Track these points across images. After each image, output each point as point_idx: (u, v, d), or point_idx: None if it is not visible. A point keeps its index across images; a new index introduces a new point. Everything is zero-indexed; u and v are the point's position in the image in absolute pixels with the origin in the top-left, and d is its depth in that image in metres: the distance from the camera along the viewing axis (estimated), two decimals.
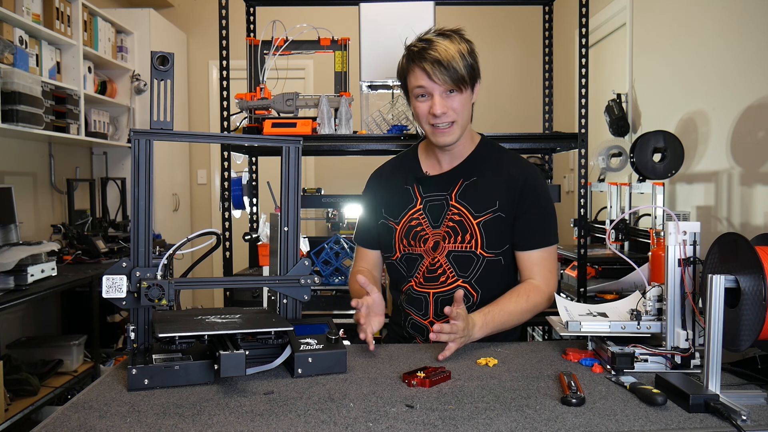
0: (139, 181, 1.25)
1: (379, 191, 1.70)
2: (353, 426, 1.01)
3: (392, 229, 1.64)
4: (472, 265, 1.57)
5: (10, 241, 2.75)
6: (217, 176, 5.22)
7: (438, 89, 1.49)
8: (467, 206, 1.57)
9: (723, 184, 2.48)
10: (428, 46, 1.48)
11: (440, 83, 1.48)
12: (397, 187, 1.66)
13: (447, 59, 1.46)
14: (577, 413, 1.06)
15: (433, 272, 1.59)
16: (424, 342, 1.61)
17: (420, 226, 1.61)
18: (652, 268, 1.49)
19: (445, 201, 1.59)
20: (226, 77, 2.45)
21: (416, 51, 1.49)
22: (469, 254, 1.57)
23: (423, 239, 1.60)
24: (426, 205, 1.61)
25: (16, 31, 3.08)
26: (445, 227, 1.58)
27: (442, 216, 1.59)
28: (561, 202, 2.57)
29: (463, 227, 1.57)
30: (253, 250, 2.73)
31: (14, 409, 2.53)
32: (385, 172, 1.73)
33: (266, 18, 2.65)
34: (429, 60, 1.46)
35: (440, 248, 1.58)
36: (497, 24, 5.04)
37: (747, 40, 2.33)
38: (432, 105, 1.49)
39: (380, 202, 1.69)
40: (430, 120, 1.51)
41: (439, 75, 1.46)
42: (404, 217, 1.63)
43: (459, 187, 1.59)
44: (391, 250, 1.66)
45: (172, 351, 1.22)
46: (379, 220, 1.68)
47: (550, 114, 2.92)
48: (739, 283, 1.13)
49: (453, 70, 1.46)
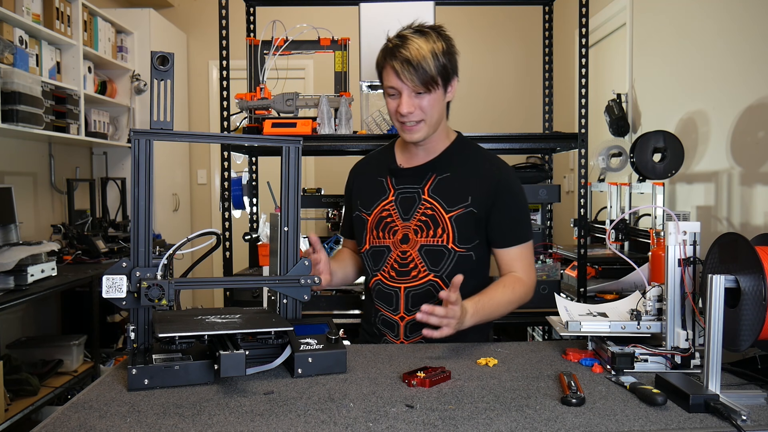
0: (139, 181, 1.25)
1: (355, 184, 1.74)
2: (353, 426, 1.01)
3: (365, 220, 1.66)
4: (443, 260, 1.58)
5: (10, 241, 2.75)
6: (217, 176, 5.22)
7: (406, 89, 1.50)
8: (439, 201, 1.59)
9: (723, 184, 2.48)
10: (401, 44, 1.49)
11: (408, 83, 1.49)
12: (372, 179, 1.68)
13: (417, 59, 1.47)
14: (577, 413, 1.06)
15: (404, 266, 1.60)
16: (394, 337, 1.62)
17: (390, 218, 1.62)
18: (652, 268, 1.49)
19: (417, 194, 1.61)
20: (226, 77, 2.45)
21: (390, 48, 1.51)
22: (441, 248, 1.58)
23: (392, 231, 1.61)
24: (398, 197, 1.63)
25: (16, 31, 3.08)
26: (417, 221, 1.59)
27: (413, 209, 1.60)
28: (561, 202, 2.57)
29: (435, 221, 1.58)
30: (253, 250, 2.73)
31: (14, 409, 2.53)
32: (362, 165, 1.76)
33: (266, 18, 2.65)
34: (399, 59, 1.48)
35: (411, 242, 1.59)
36: (497, 24, 5.04)
37: (747, 40, 2.33)
38: (400, 104, 1.52)
39: (356, 195, 1.71)
40: (399, 118, 1.54)
41: (407, 75, 1.48)
42: (376, 208, 1.64)
43: (432, 182, 1.61)
44: (362, 242, 1.68)
45: (172, 351, 1.22)
46: (354, 212, 1.70)
47: (550, 114, 2.92)
48: (739, 283, 1.13)
49: (422, 71, 1.47)
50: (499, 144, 2.36)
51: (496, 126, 4.65)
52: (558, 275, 2.33)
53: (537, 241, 2.57)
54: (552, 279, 2.30)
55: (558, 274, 2.34)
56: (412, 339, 1.60)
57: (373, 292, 1.66)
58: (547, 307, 2.24)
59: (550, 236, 2.86)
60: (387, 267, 1.62)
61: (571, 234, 2.71)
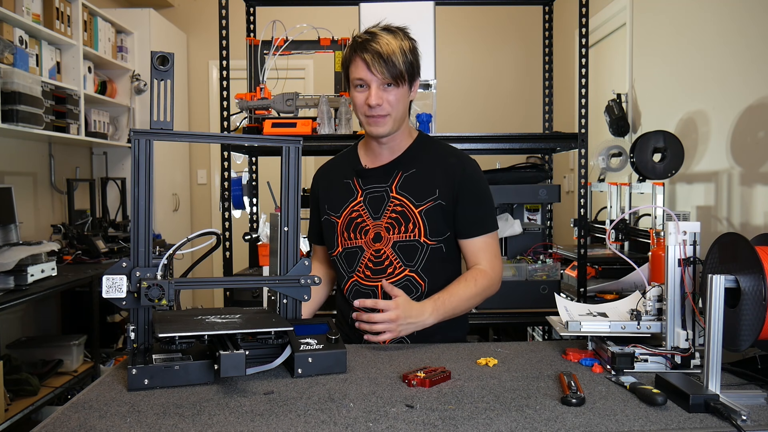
0: (139, 181, 1.25)
1: (321, 188, 1.73)
2: (353, 426, 1.01)
3: (334, 223, 1.66)
4: (417, 254, 1.60)
5: (10, 241, 2.75)
6: (217, 176, 5.22)
7: (376, 81, 1.52)
8: (408, 196, 1.60)
9: (723, 184, 2.48)
10: (371, 38, 1.53)
11: (378, 75, 1.51)
12: (338, 182, 1.69)
13: (387, 53, 1.50)
14: (577, 413, 1.06)
15: (379, 264, 1.61)
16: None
17: (360, 218, 1.62)
18: (652, 268, 1.49)
19: (386, 193, 1.62)
20: (226, 77, 2.45)
21: (359, 42, 1.54)
22: (414, 243, 1.59)
23: (363, 231, 1.62)
24: (366, 198, 1.63)
25: (16, 31, 3.08)
26: (387, 219, 1.60)
27: (382, 208, 1.61)
28: (561, 202, 2.57)
29: (405, 217, 1.59)
30: (253, 250, 2.73)
31: (14, 409, 2.53)
32: (326, 170, 1.76)
33: (266, 18, 2.65)
34: (370, 52, 1.51)
35: (384, 239, 1.60)
36: (497, 24, 5.04)
37: (747, 40, 2.33)
38: (368, 96, 1.53)
39: (322, 199, 1.71)
40: (366, 111, 1.55)
41: (378, 67, 1.50)
42: (345, 210, 1.65)
43: (399, 179, 1.62)
44: (333, 246, 1.68)
45: (172, 351, 1.22)
46: (322, 216, 1.70)
47: (550, 114, 2.92)
48: (739, 283, 1.13)
49: (392, 65, 1.51)
50: (499, 144, 2.36)
51: (496, 126, 4.65)
52: (558, 275, 2.34)
53: (537, 241, 2.58)
54: (552, 279, 2.30)
55: (558, 274, 2.34)
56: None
57: (349, 294, 1.65)
58: (547, 307, 2.24)
59: (550, 236, 2.86)
60: (362, 267, 1.62)
61: (571, 234, 2.71)
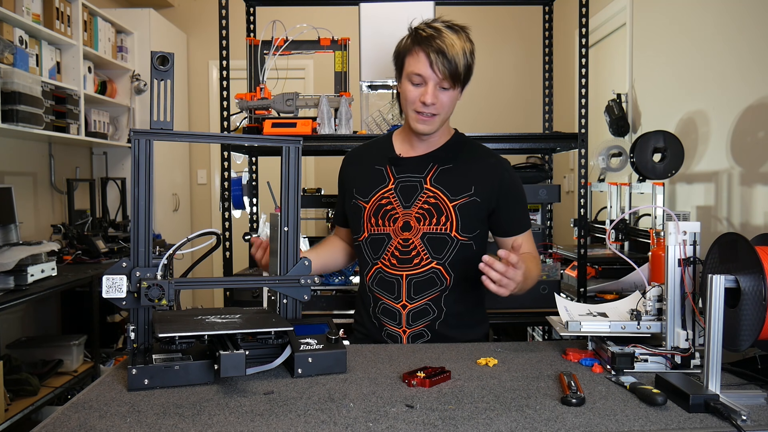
0: (139, 181, 1.25)
1: (350, 173, 1.72)
2: (353, 426, 1.01)
3: (361, 208, 1.65)
4: (446, 248, 1.59)
5: (10, 241, 2.75)
6: (217, 176, 5.22)
7: (434, 80, 1.51)
8: (443, 189, 1.60)
9: (723, 184, 2.48)
10: (436, 34, 1.49)
11: (439, 75, 1.49)
12: (369, 168, 1.68)
13: (452, 53, 1.48)
14: (577, 413, 1.06)
15: (406, 254, 1.60)
16: (396, 326, 1.61)
17: (390, 205, 1.62)
18: (652, 268, 1.49)
19: (420, 183, 1.61)
20: (226, 77, 2.45)
21: (423, 36, 1.50)
22: (444, 236, 1.59)
23: (393, 218, 1.61)
24: (398, 186, 1.63)
25: (16, 31, 3.08)
26: (419, 209, 1.60)
27: (414, 197, 1.61)
28: (561, 202, 2.57)
29: (438, 209, 1.59)
30: None
31: (14, 409, 2.54)
32: (357, 155, 1.75)
33: (266, 18, 2.65)
34: (434, 49, 1.48)
35: (414, 229, 1.60)
36: (497, 24, 5.04)
37: (747, 40, 2.33)
38: (424, 93, 1.51)
39: (350, 182, 1.70)
40: (417, 107, 1.54)
41: (440, 66, 1.48)
42: (374, 196, 1.64)
43: (434, 172, 1.62)
44: (359, 231, 1.67)
45: (172, 351, 1.22)
46: (350, 201, 1.69)
47: (550, 114, 2.92)
48: (739, 283, 1.13)
49: (454, 66, 1.48)
50: (499, 144, 2.36)
51: (496, 126, 4.65)
52: (558, 275, 2.34)
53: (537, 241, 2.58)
54: (552, 279, 2.30)
55: (558, 274, 2.34)
56: (414, 327, 1.60)
57: (372, 281, 1.65)
58: (547, 307, 2.24)
59: (550, 236, 2.86)
60: (387, 255, 1.62)
61: (571, 234, 2.71)
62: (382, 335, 1.64)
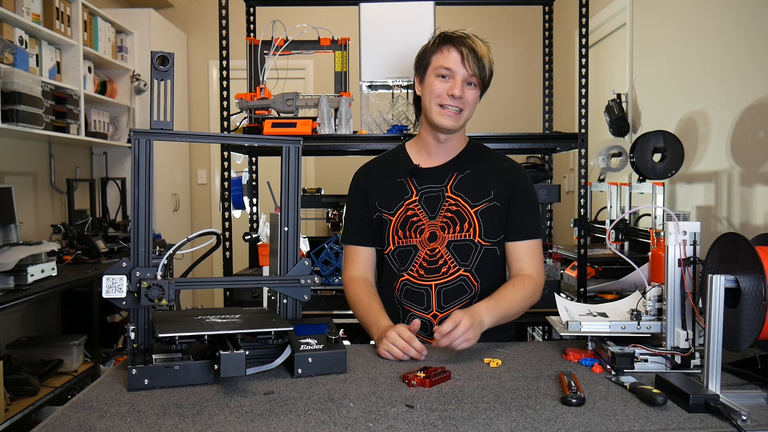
0: (139, 181, 1.25)
1: (370, 186, 1.70)
2: (353, 426, 1.01)
3: (387, 221, 1.65)
4: (471, 254, 1.61)
5: (10, 241, 2.75)
6: (217, 176, 5.22)
7: (463, 75, 1.57)
8: (463, 196, 1.62)
9: (723, 184, 2.48)
10: (466, 37, 1.59)
11: (468, 71, 1.56)
12: (390, 180, 1.67)
13: (481, 53, 1.58)
14: (577, 413, 1.06)
15: (433, 263, 1.61)
16: (428, 337, 1.58)
17: (416, 217, 1.63)
18: (652, 268, 1.49)
19: (441, 193, 1.63)
20: (226, 77, 2.45)
21: (453, 36, 1.59)
22: (468, 243, 1.60)
23: (419, 230, 1.62)
24: (422, 197, 1.63)
25: (16, 31, 3.07)
26: (442, 218, 1.61)
27: (438, 207, 1.62)
28: (561, 202, 2.57)
29: (461, 216, 1.60)
30: (253, 250, 2.73)
31: (14, 409, 2.53)
32: (373, 168, 1.73)
33: (266, 18, 2.65)
34: (466, 46, 1.57)
35: (439, 239, 1.61)
36: (497, 24, 5.03)
37: (747, 40, 2.33)
38: (452, 86, 1.57)
39: (372, 196, 1.68)
40: (444, 100, 1.57)
41: (471, 62, 1.56)
42: (400, 208, 1.64)
43: (454, 180, 1.63)
44: (384, 244, 1.66)
45: (172, 351, 1.22)
46: (374, 213, 1.67)
47: (550, 114, 2.92)
48: (739, 283, 1.13)
49: (482, 65, 1.58)
50: (499, 144, 2.36)
51: (496, 126, 4.63)
52: (558, 275, 2.34)
53: None
54: (552, 279, 2.30)
55: (558, 274, 2.34)
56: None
57: (400, 293, 1.64)
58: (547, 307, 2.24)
59: (550, 236, 2.86)
60: (415, 266, 1.62)
61: (571, 234, 2.71)
62: None
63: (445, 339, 1.35)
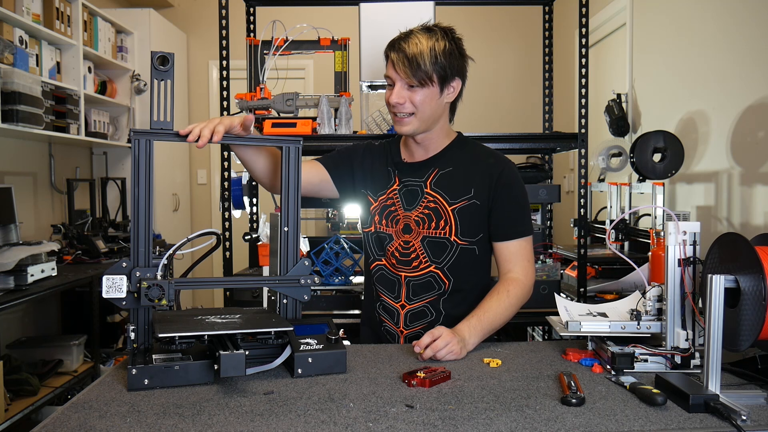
0: (139, 181, 1.25)
1: (367, 160, 1.71)
2: (353, 426, 1.01)
3: (369, 203, 1.68)
4: (445, 252, 1.60)
5: (10, 241, 2.75)
6: (217, 176, 5.22)
7: (399, 80, 1.54)
8: (442, 193, 1.60)
9: (723, 184, 2.48)
10: (404, 38, 1.55)
11: (401, 75, 1.53)
12: (381, 166, 1.70)
13: (413, 54, 1.50)
14: (577, 413, 1.06)
15: (405, 255, 1.62)
16: (394, 324, 1.63)
17: (393, 206, 1.64)
18: (652, 268, 1.49)
19: (420, 188, 1.62)
20: (226, 77, 2.45)
21: (394, 40, 1.57)
22: (443, 241, 1.59)
23: (395, 220, 1.63)
24: (402, 188, 1.64)
25: (16, 31, 3.07)
26: (419, 213, 1.61)
27: (416, 201, 1.62)
28: (561, 202, 2.57)
29: (438, 213, 1.59)
30: (253, 250, 2.73)
31: (14, 409, 2.53)
32: (373, 150, 1.75)
33: (266, 18, 2.65)
34: (397, 51, 1.53)
35: (414, 232, 1.61)
36: (497, 24, 5.04)
37: (747, 40, 2.33)
38: (389, 93, 1.57)
39: (360, 172, 1.70)
40: (392, 108, 1.58)
41: (401, 67, 1.52)
42: (382, 195, 1.66)
43: (434, 176, 1.62)
44: (367, 223, 1.69)
45: (172, 351, 1.22)
46: (361, 189, 1.69)
47: (550, 114, 2.92)
48: (739, 283, 1.13)
49: (416, 66, 1.50)
50: (499, 144, 2.37)
51: (496, 126, 4.64)
52: (558, 275, 2.33)
53: (537, 241, 2.57)
54: (552, 279, 2.30)
55: (558, 274, 2.34)
56: (412, 329, 1.61)
57: (375, 276, 1.68)
58: (547, 307, 2.24)
59: (550, 236, 2.86)
60: (389, 254, 1.64)
61: (571, 234, 2.71)
62: (381, 330, 1.66)
63: (428, 350, 1.38)
